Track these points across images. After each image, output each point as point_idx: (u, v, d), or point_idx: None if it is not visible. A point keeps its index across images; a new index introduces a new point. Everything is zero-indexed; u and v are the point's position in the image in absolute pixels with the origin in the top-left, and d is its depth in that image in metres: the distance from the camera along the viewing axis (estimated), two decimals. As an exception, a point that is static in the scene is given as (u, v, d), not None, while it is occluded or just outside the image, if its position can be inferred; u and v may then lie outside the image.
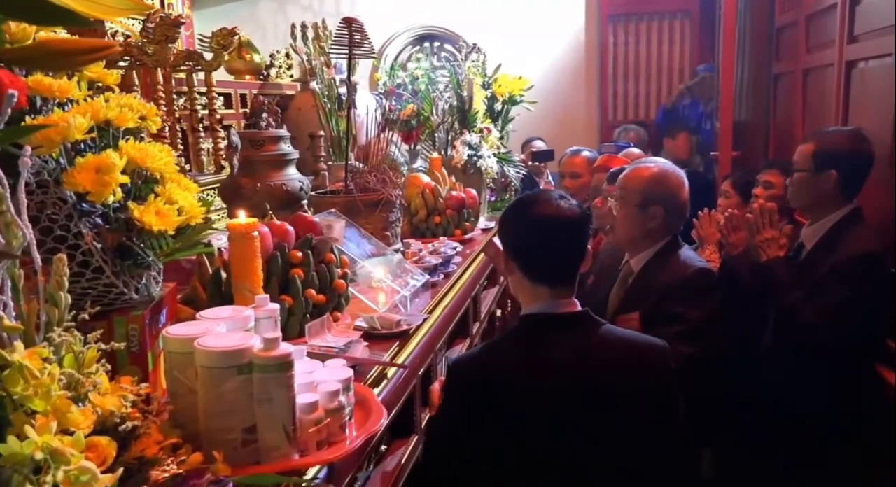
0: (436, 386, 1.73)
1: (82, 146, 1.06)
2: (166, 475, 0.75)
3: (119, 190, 0.98)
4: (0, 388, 0.74)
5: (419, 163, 3.45)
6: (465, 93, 3.21)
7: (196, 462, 0.87)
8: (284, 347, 0.97)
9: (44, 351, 0.79)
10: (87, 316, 0.93)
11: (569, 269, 1.49)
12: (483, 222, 3.03)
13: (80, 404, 0.83)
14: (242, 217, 1.30)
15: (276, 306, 1.20)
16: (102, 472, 0.74)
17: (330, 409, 1.04)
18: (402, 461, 1.56)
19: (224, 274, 1.46)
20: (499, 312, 3.21)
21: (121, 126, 1.11)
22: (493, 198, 3.61)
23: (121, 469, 0.76)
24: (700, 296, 1.87)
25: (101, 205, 1.01)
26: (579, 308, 1.49)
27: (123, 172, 1.02)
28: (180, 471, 0.76)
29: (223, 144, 2.52)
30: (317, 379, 1.09)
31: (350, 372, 1.12)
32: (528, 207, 1.51)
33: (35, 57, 0.57)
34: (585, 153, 3.42)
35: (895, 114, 2.08)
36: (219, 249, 1.50)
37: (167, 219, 1.06)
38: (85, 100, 1.07)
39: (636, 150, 3.21)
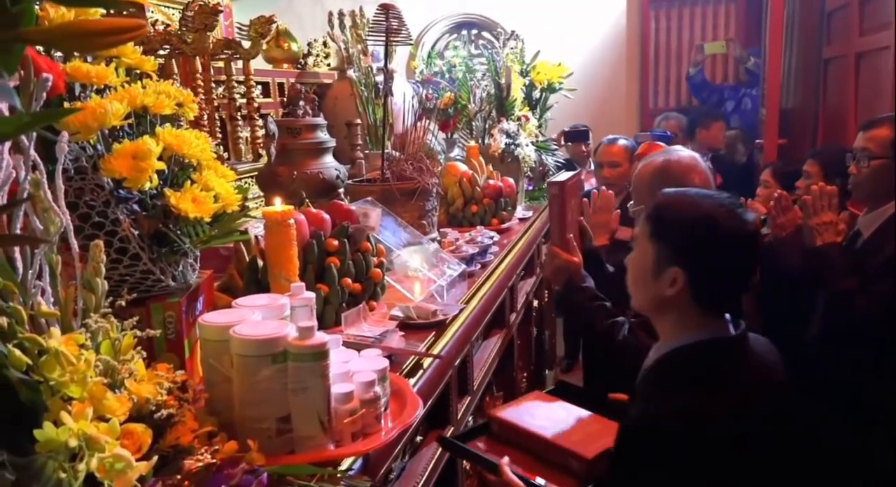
0: (508, 473, 1.33)
1: (119, 133, 1.06)
2: (200, 464, 0.74)
3: (155, 176, 0.98)
4: (37, 374, 0.74)
5: (456, 152, 3.42)
6: (502, 81, 3.17)
7: (231, 450, 0.87)
8: (320, 336, 0.96)
9: (80, 337, 0.78)
10: (123, 303, 0.93)
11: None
12: (520, 211, 2.99)
13: (115, 391, 0.83)
14: (278, 204, 1.29)
15: (312, 294, 1.19)
16: (137, 460, 0.74)
17: (365, 400, 1.03)
18: (438, 452, 1.55)
19: (261, 262, 1.46)
20: (535, 303, 3.18)
21: (158, 112, 1.11)
22: (529, 188, 3.57)
23: (156, 457, 0.75)
24: None
25: (138, 192, 1.00)
26: (731, 325, 1.32)
27: (160, 159, 1.02)
28: (214, 461, 0.75)
29: (261, 133, 2.52)
30: (352, 368, 1.08)
31: (386, 363, 1.11)
32: (721, 223, 1.25)
33: (59, 37, 0.56)
34: (622, 141, 3.34)
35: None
36: (255, 237, 1.50)
37: (203, 206, 1.05)
38: (122, 86, 1.07)
39: (662, 144, 3.12)
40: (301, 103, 2.22)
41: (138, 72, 1.18)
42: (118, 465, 0.71)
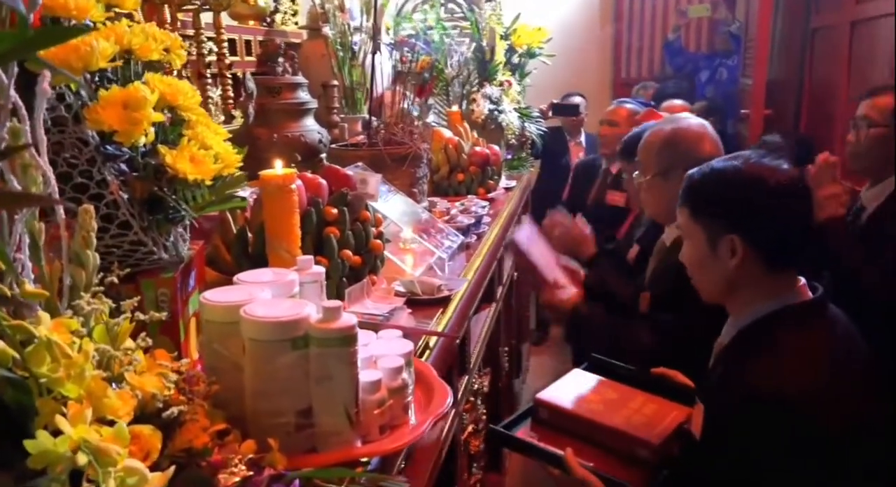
0: (578, 468, 1.24)
1: (101, 79, 0.90)
2: (236, 479, 0.61)
3: (151, 130, 0.83)
4: (21, 369, 0.60)
5: (432, 118, 3.27)
6: (485, 43, 3.02)
7: (249, 452, 0.74)
8: (347, 318, 0.83)
9: (73, 322, 0.64)
10: (115, 279, 0.79)
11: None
12: (504, 181, 2.87)
13: (114, 385, 0.69)
14: (279, 167, 1.14)
15: (322, 269, 1.06)
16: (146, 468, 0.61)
17: (393, 388, 0.91)
18: (443, 435, 1.44)
19: (250, 233, 1.31)
20: (515, 275, 3.09)
21: (144, 57, 0.95)
22: (509, 156, 3.45)
23: (172, 467, 0.62)
24: None
25: (128, 149, 0.85)
26: (808, 288, 1.27)
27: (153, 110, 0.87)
28: (250, 473, 0.63)
29: (232, 92, 2.34)
30: (375, 352, 0.96)
31: (410, 345, 0.99)
32: (761, 174, 1.22)
33: None
34: (630, 105, 3.24)
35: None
36: (241, 205, 1.35)
37: (203, 166, 0.91)
38: (104, 23, 0.90)
39: (663, 114, 3.03)
40: (280, 60, 2.05)
41: (117, 11, 1.02)
42: (129, 480, 0.58)
